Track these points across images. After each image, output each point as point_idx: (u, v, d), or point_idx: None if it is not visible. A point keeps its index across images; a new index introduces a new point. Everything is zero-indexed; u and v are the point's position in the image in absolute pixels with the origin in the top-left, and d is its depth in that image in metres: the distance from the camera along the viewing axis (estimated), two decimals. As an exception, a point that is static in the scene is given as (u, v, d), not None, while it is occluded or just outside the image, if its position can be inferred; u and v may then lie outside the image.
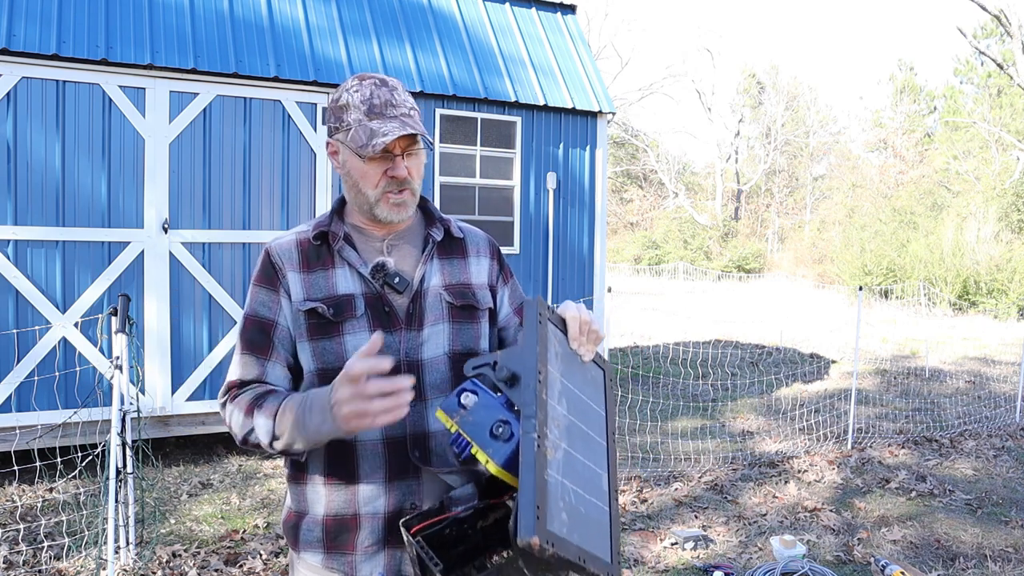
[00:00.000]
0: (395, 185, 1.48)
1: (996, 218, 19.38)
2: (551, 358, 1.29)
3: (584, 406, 1.33)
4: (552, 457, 1.17)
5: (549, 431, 1.19)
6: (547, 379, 1.24)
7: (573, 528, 1.15)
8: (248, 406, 1.43)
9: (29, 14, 5.18)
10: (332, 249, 1.52)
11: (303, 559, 1.54)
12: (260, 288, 1.52)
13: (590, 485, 1.23)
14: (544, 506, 1.10)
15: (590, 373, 1.40)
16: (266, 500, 4.82)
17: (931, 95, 37.80)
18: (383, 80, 1.48)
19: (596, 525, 1.20)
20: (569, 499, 1.17)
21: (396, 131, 1.42)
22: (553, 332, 1.35)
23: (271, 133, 5.81)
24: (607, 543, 1.20)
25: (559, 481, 1.17)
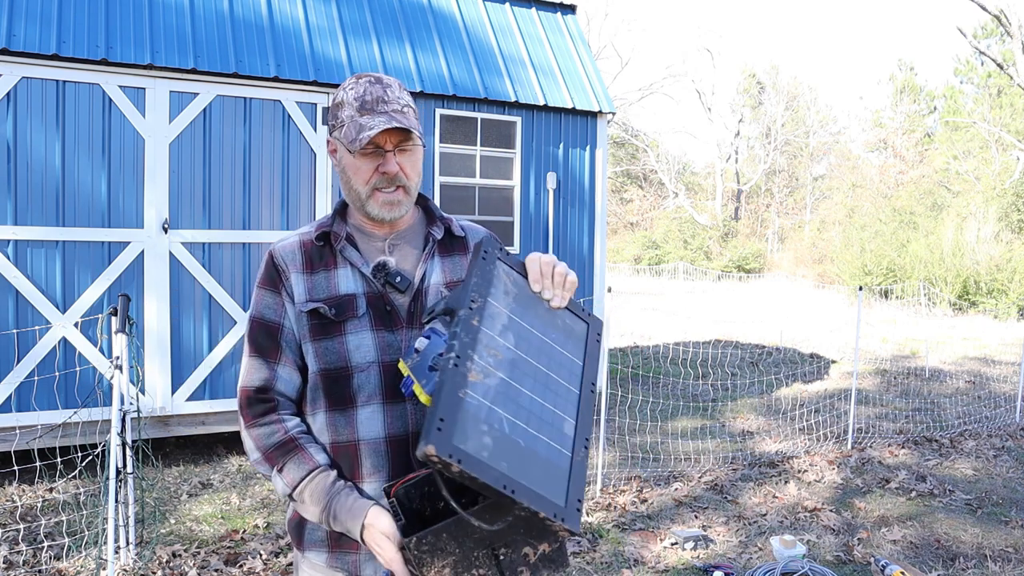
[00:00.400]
0: (386, 182, 1.48)
1: (996, 218, 19.38)
2: (496, 294, 1.29)
3: (547, 349, 1.30)
4: (477, 380, 1.16)
5: (479, 356, 1.19)
6: (483, 309, 1.24)
7: (501, 456, 1.12)
8: (268, 454, 1.48)
9: (29, 14, 5.18)
10: (334, 249, 1.53)
11: (307, 558, 1.55)
12: (265, 291, 1.53)
13: (544, 425, 1.21)
14: (451, 421, 1.09)
15: (563, 321, 1.37)
16: (266, 500, 4.82)
17: (931, 95, 37.80)
18: (378, 78, 1.49)
19: (547, 466, 1.17)
20: (500, 427, 1.15)
21: (382, 124, 1.42)
22: (506, 272, 1.35)
23: (271, 133, 5.81)
24: (563, 487, 1.16)
25: (484, 405, 1.15)
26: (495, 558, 1.23)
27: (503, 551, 1.23)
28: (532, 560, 1.25)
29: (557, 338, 1.34)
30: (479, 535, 1.21)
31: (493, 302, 1.27)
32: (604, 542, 4.22)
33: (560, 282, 1.39)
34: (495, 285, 1.30)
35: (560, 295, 1.38)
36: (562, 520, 1.12)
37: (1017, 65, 23.28)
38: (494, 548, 1.23)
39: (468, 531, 1.21)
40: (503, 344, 1.24)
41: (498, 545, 1.23)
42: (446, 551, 1.21)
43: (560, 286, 1.39)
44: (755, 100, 43.63)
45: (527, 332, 1.29)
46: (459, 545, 1.21)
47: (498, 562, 1.24)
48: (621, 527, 4.45)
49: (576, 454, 1.22)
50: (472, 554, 1.22)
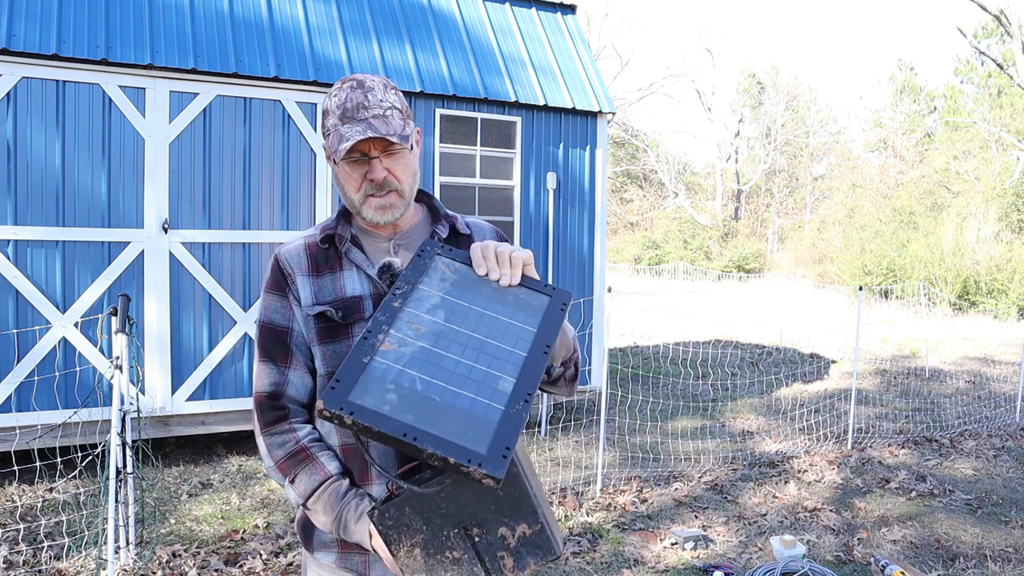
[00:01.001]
0: (375, 188, 1.47)
1: (996, 218, 19.38)
2: (429, 281, 1.36)
3: (488, 320, 1.33)
4: (389, 349, 1.23)
5: (395, 330, 1.26)
6: (409, 294, 1.33)
7: (407, 410, 1.14)
8: (280, 464, 1.49)
9: (29, 14, 5.18)
10: (339, 252, 1.53)
11: (316, 559, 1.55)
12: (272, 295, 1.53)
13: (471, 383, 1.22)
14: (348, 381, 1.16)
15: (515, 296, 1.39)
16: (266, 500, 4.82)
17: (931, 95, 37.79)
18: (360, 82, 1.46)
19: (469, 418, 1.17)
20: (411, 386, 1.18)
21: (357, 135, 1.41)
22: (445, 264, 1.41)
23: (271, 133, 5.81)
24: (487, 436, 1.15)
25: (393, 368, 1.20)
26: (470, 539, 1.22)
27: (476, 531, 1.22)
28: (512, 544, 1.23)
29: (504, 311, 1.35)
30: (445, 511, 1.20)
31: (423, 288, 1.35)
32: (604, 542, 4.22)
33: (504, 261, 1.40)
34: (429, 275, 1.37)
35: (508, 272, 1.40)
36: (479, 465, 1.10)
37: (1017, 65, 23.27)
38: (466, 528, 1.21)
39: (432, 506, 1.20)
40: (429, 319, 1.29)
41: (469, 525, 1.21)
42: (412, 527, 1.20)
43: (505, 264, 1.40)
44: (755, 100, 43.62)
45: (463, 308, 1.33)
46: (425, 522, 1.20)
47: (474, 544, 1.22)
48: (621, 527, 4.45)
49: (511, 406, 1.20)
50: (442, 533, 1.21)
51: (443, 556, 1.21)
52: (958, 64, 34.54)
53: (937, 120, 36.31)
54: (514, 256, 1.40)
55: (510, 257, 1.40)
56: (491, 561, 1.23)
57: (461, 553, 1.22)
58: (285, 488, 1.49)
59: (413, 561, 1.21)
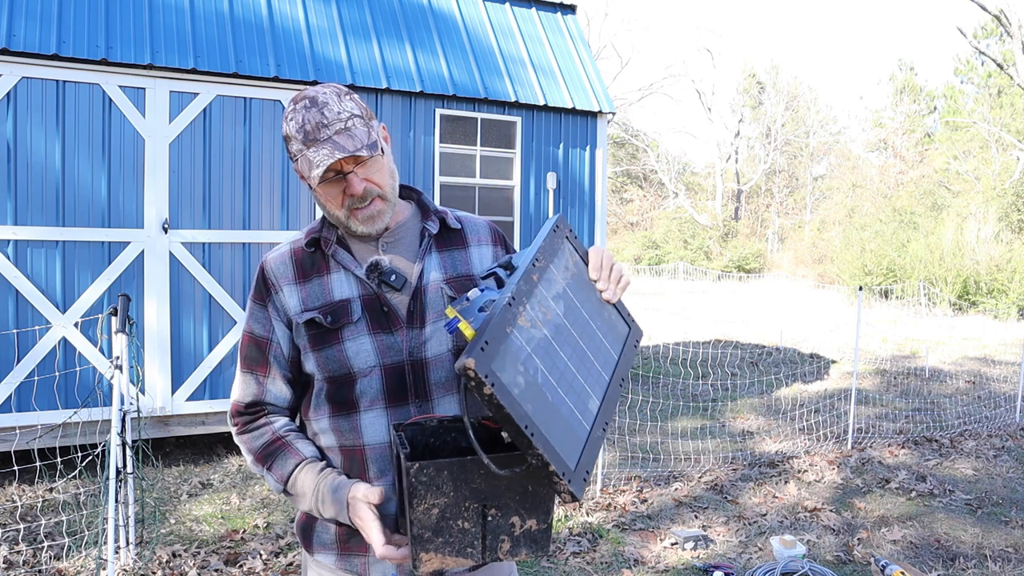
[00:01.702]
0: (358, 201, 1.45)
1: (996, 218, 19.38)
2: (558, 264, 1.34)
3: (590, 331, 1.34)
4: (524, 326, 1.20)
5: (529, 305, 1.23)
6: (545, 271, 1.29)
7: (528, 400, 1.14)
8: (258, 455, 1.50)
9: (29, 14, 5.18)
10: (326, 255, 1.51)
11: (316, 560, 1.55)
12: (255, 304, 1.54)
13: (572, 392, 1.23)
14: (495, 348, 1.12)
15: (609, 315, 1.41)
16: (266, 500, 4.82)
17: (931, 95, 37.79)
18: (313, 99, 1.42)
19: (567, 428, 1.19)
20: (535, 375, 1.17)
21: (326, 160, 1.38)
22: (570, 251, 1.39)
23: (271, 133, 5.81)
24: (577, 452, 1.18)
25: (525, 349, 1.18)
26: (483, 516, 1.25)
27: (493, 512, 1.25)
28: (516, 532, 1.26)
29: (601, 327, 1.37)
30: (476, 485, 1.23)
31: (553, 269, 1.33)
32: (604, 542, 4.22)
33: (616, 278, 1.42)
34: (559, 257, 1.35)
35: (614, 290, 1.41)
36: (568, 481, 1.13)
37: (1017, 65, 23.27)
38: (486, 505, 1.25)
39: (469, 478, 1.23)
40: (553, 307, 1.28)
41: (490, 504, 1.25)
42: (441, 490, 1.23)
43: (615, 282, 1.42)
44: (755, 100, 43.62)
45: (576, 308, 1.33)
46: (455, 489, 1.23)
47: (484, 522, 1.25)
48: (621, 527, 4.45)
49: (595, 430, 1.23)
50: (463, 503, 1.24)
51: (455, 523, 1.25)
52: (958, 64, 34.55)
53: (937, 120, 36.31)
54: (624, 277, 1.43)
55: (621, 278, 1.42)
56: (492, 540, 1.26)
57: (471, 526, 1.25)
58: (265, 478, 1.50)
59: (427, 519, 1.24)
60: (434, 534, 1.24)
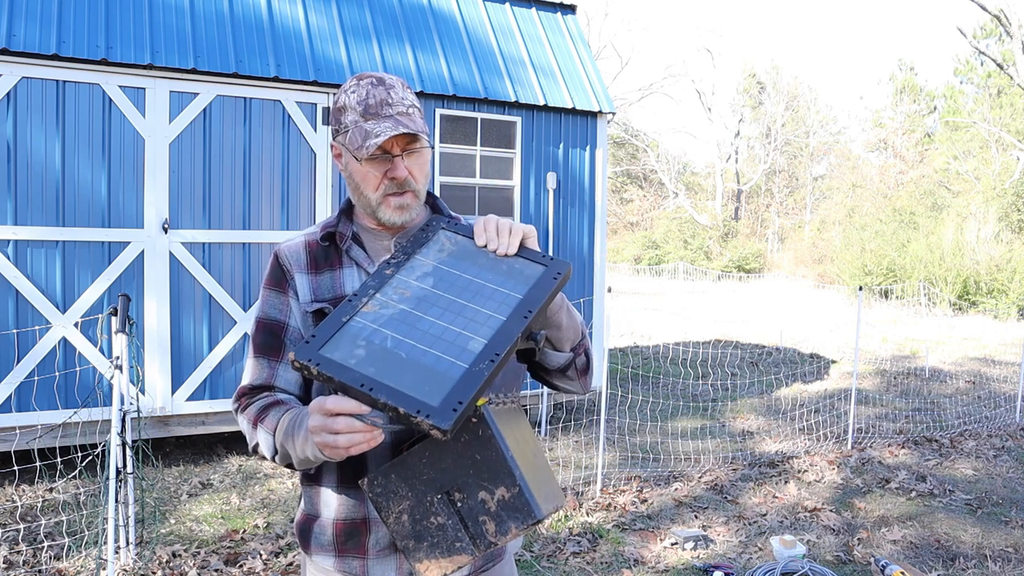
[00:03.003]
0: (396, 187, 1.46)
1: (996, 218, 19.38)
2: (426, 252, 1.40)
3: (475, 287, 1.35)
4: (370, 310, 1.28)
5: (381, 294, 1.31)
6: (403, 263, 1.38)
7: (371, 364, 1.19)
8: (254, 419, 1.44)
9: (29, 14, 5.18)
10: (340, 249, 1.52)
11: (315, 562, 1.54)
12: (270, 291, 1.53)
13: (441, 342, 1.25)
14: (322, 336, 1.23)
15: (509, 266, 1.40)
16: (266, 500, 4.82)
17: (931, 95, 37.79)
18: (380, 79, 1.46)
19: (431, 374, 1.20)
20: (382, 343, 1.23)
21: (388, 131, 1.40)
22: (447, 237, 1.44)
23: (271, 133, 5.81)
24: (443, 391, 1.17)
25: (369, 327, 1.25)
26: (452, 504, 1.24)
27: (458, 496, 1.24)
28: (492, 508, 1.24)
29: (493, 279, 1.37)
30: (428, 476, 1.24)
31: (420, 257, 1.39)
32: (604, 542, 4.22)
33: (504, 232, 1.41)
34: (428, 246, 1.41)
35: (505, 242, 1.40)
36: (427, 416, 1.12)
37: (1017, 65, 23.27)
38: (448, 493, 1.24)
39: (416, 472, 1.24)
40: (417, 285, 1.34)
41: (451, 489, 1.24)
42: (399, 494, 1.24)
43: (504, 234, 1.40)
44: (755, 100, 43.62)
45: (453, 276, 1.36)
46: (410, 488, 1.24)
47: (457, 509, 1.24)
48: (621, 527, 4.45)
49: (475, 365, 1.21)
50: (426, 499, 1.24)
51: (428, 522, 1.24)
52: (958, 64, 34.55)
53: (937, 120, 36.31)
54: (514, 227, 1.41)
55: (510, 228, 1.41)
56: (474, 526, 1.24)
57: (445, 519, 1.25)
58: (258, 435, 1.41)
59: (402, 527, 1.24)
60: (416, 540, 1.23)
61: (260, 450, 1.43)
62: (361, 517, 1.48)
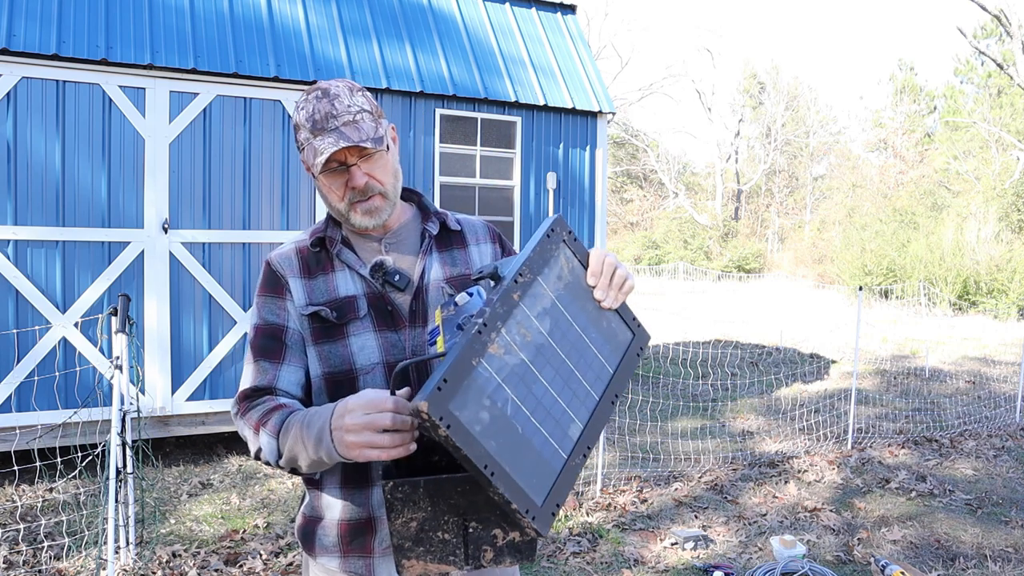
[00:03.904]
0: (358, 195, 1.46)
1: (996, 218, 19.39)
2: (548, 275, 1.26)
3: (581, 346, 1.27)
4: (496, 353, 1.14)
5: (507, 330, 1.16)
6: (529, 286, 1.22)
7: (493, 436, 1.10)
8: (255, 423, 1.40)
9: (29, 14, 5.18)
10: (331, 254, 1.52)
11: (320, 563, 1.54)
12: (266, 297, 1.52)
13: (549, 420, 1.18)
14: (454, 385, 1.07)
15: (608, 324, 1.33)
16: (266, 500, 4.82)
17: (931, 95, 37.78)
18: (325, 90, 1.44)
19: (538, 461, 1.15)
20: (503, 407, 1.13)
21: (330, 147, 1.39)
22: (567, 258, 1.31)
23: (271, 133, 5.81)
24: (546, 486, 1.14)
25: (494, 380, 1.13)
26: (463, 528, 1.23)
27: (473, 524, 1.23)
28: (499, 543, 1.24)
29: (596, 339, 1.30)
30: (455, 501, 1.21)
31: (542, 282, 1.25)
32: (604, 542, 4.22)
33: (617, 284, 1.35)
34: (550, 266, 1.27)
35: (613, 296, 1.35)
36: (533, 518, 1.10)
37: (1017, 65, 23.28)
38: (466, 518, 1.23)
39: (446, 494, 1.20)
40: (536, 327, 1.22)
41: (470, 517, 1.22)
42: (419, 506, 1.21)
43: (616, 288, 1.35)
44: (755, 100, 43.62)
45: (566, 323, 1.26)
46: (432, 504, 1.21)
47: (466, 533, 1.23)
48: (621, 527, 4.45)
49: (573, 459, 1.19)
50: (443, 517, 1.22)
51: (434, 535, 1.23)
52: (958, 64, 34.54)
53: (937, 120, 36.31)
54: (627, 284, 1.36)
55: (624, 283, 1.36)
56: (474, 551, 1.24)
57: (451, 537, 1.23)
58: (260, 440, 1.37)
59: (406, 531, 1.22)
60: (414, 544, 1.22)
61: (263, 456, 1.39)
62: (366, 517, 1.48)
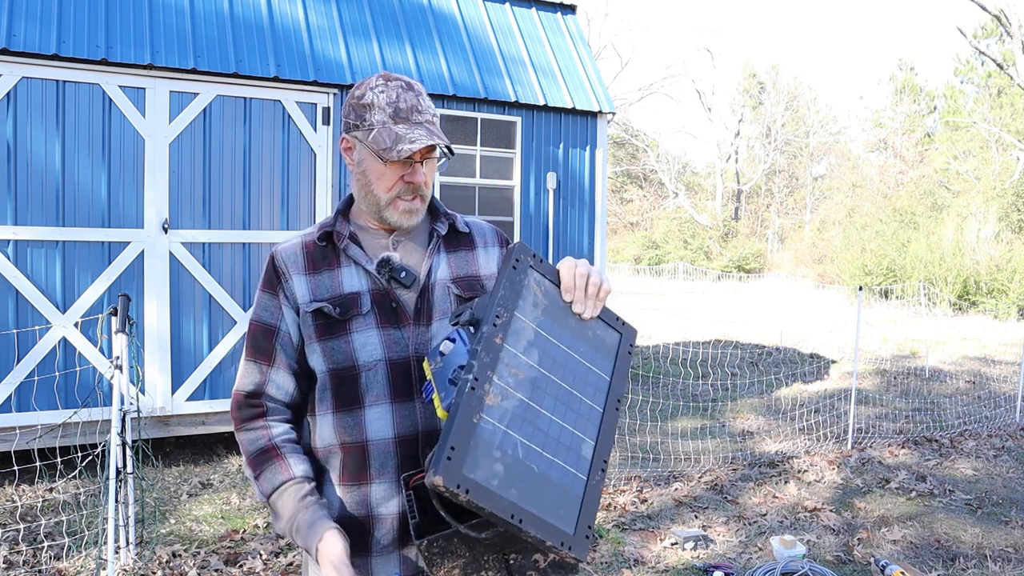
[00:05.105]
0: (409, 191, 1.47)
1: (996, 218, 19.38)
2: (524, 307, 1.25)
3: (573, 365, 1.27)
4: (494, 404, 1.14)
5: (499, 377, 1.16)
6: (509, 324, 1.21)
7: (512, 484, 1.10)
8: (250, 460, 1.50)
9: (29, 14, 5.18)
10: (337, 249, 1.52)
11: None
12: (264, 293, 1.54)
13: (561, 448, 1.18)
14: (463, 449, 1.08)
15: (594, 332, 1.33)
16: (266, 500, 4.81)
17: (931, 95, 37.78)
18: (410, 84, 1.46)
19: (560, 492, 1.15)
20: (514, 453, 1.13)
21: (423, 139, 1.41)
22: (537, 282, 1.30)
23: (271, 133, 5.80)
24: (574, 514, 1.15)
25: (499, 430, 1.13)
26: (505, 561, 1.23)
27: (513, 556, 1.23)
28: (542, 565, 1.25)
29: (585, 352, 1.30)
30: (491, 542, 1.20)
31: (520, 316, 1.24)
32: (604, 542, 4.22)
33: (593, 292, 1.35)
34: (524, 297, 1.26)
35: (592, 305, 1.35)
36: (569, 548, 1.11)
37: (1017, 65, 23.27)
38: (505, 552, 1.22)
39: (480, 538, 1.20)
40: (526, 362, 1.21)
41: (508, 549, 1.22)
42: (457, 554, 1.21)
43: (593, 296, 1.35)
44: (755, 100, 43.61)
45: (553, 348, 1.26)
46: (470, 549, 1.20)
47: (507, 566, 1.23)
48: (621, 527, 4.45)
49: (592, 477, 1.20)
50: (483, 557, 1.22)
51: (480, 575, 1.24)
52: (958, 64, 34.54)
53: (937, 120, 36.31)
54: (602, 290, 1.36)
55: (599, 290, 1.36)
56: None
57: (496, 573, 1.24)
58: (252, 484, 1.51)
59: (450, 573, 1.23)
60: None
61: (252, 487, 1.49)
62: (364, 515, 1.49)
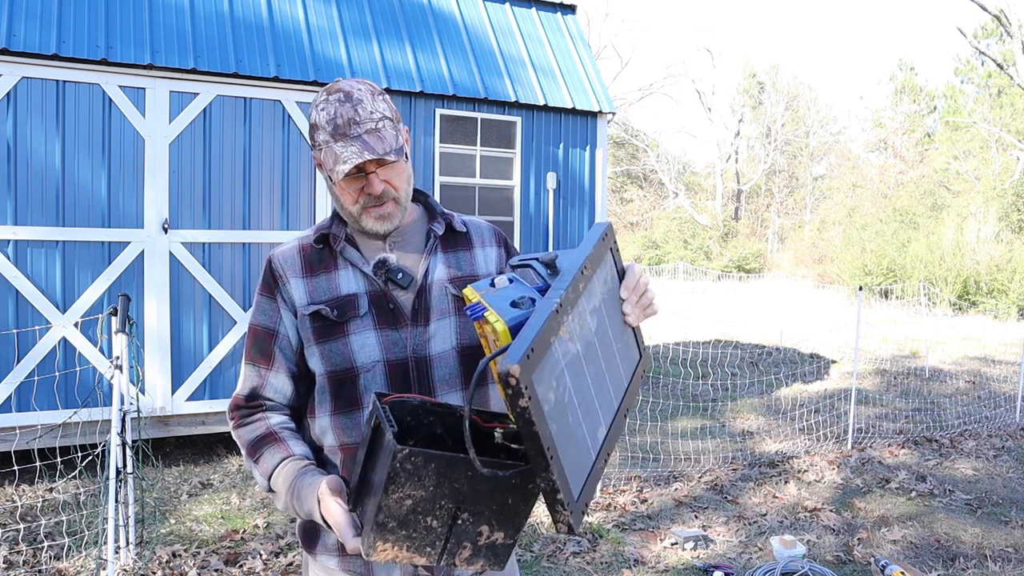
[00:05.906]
0: (374, 200, 1.46)
1: (996, 218, 19.39)
2: (599, 276, 1.23)
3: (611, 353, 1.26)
4: (563, 336, 1.09)
5: (571, 316, 1.12)
6: (589, 282, 1.19)
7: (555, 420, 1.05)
8: (249, 448, 1.49)
9: (29, 14, 5.18)
10: (334, 251, 1.53)
11: (319, 562, 1.55)
12: (262, 297, 1.54)
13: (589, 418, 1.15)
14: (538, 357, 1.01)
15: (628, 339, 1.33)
16: (266, 500, 4.82)
17: (931, 95, 37.78)
18: (348, 94, 1.42)
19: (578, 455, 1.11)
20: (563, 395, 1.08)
21: (354, 157, 1.38)
22: (610, 264, 1.29)
23: (271, 133, 5.80)
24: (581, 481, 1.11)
25: (561, 364, 1.08)
26: (454, 518, 1.19)
27: (464, 516, 1.19)
28: (481, 542, 1.21)
29: (620, 350, 1.30)
30: (459, 485, 1.16)
31: (596, 281, 1.23)
32: (604, 542, 4.22)
33: (645, 304, 1.35)
34: (602, 268, 1.26)
35: (639, 314, 1.35)
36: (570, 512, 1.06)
37: (1017, 65, 23.27)
38: (460, 507, 1.18)
39: (453, 476, 1.15)
40: (589, 322, 1.18)
41: (465, 507, 1.18)
42: (422, 482, 1.14)
43: (643, 307, 1.35)
44: (755, 100, 43.61)
45: (605, 326, 1.25)
46: (436, 484, 1.15)
47: (453, 524, 1.19)
48: (621, 527, 4.45)
49: (598, 461, 1.18)
50: (440, 501, 1.17)
51: (424, 519, 1.17)
52: (958, 64, 34.53)
53: (937, 120, 36.31)
54: (652, 307, 1.36)
55: (650, 304, 1.36)
56: (453, 545, 1.21)
57: (439, 525, 1.18)
58: (253, 472, 1.49)
59: (398, 509, 1.15)
60: (399, 525, 1.16)
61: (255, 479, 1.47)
62: None
